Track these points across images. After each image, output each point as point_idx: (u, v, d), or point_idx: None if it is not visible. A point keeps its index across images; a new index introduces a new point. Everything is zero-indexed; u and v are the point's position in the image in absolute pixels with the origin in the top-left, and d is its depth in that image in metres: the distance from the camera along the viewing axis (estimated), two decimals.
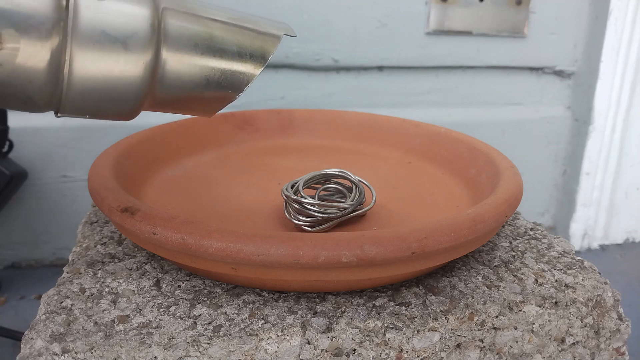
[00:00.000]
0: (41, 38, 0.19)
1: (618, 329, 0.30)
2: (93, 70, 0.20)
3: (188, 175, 0.40)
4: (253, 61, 0.24)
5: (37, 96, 0.20)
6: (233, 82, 0.24)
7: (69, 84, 0.20)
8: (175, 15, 0.22)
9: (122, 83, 0.21)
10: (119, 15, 0.20)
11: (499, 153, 0.37)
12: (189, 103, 0.25)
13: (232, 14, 0.24)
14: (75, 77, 0.20)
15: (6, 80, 0.19)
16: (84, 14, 0.20)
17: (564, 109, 0.71)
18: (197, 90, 0.24)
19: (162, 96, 0.23)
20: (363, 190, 0.34)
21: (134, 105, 0.23)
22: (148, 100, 0.23)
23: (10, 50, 0.18)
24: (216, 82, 0.24)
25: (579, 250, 0.74)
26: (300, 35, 0.59)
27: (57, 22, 0.19)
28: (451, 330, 0.27)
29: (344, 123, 0.48)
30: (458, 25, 0.63)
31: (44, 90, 0.20)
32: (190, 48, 0.23)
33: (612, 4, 0.65)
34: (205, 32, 0.23)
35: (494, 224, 0.28)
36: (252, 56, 0.24)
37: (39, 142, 0.56)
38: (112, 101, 0.22)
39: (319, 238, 0.24)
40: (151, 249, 0.28)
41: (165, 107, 0.25)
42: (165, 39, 0.22)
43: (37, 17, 0.18)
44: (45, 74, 0.20)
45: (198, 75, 0.23)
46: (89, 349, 0.24)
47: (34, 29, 0.19)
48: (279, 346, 0.25)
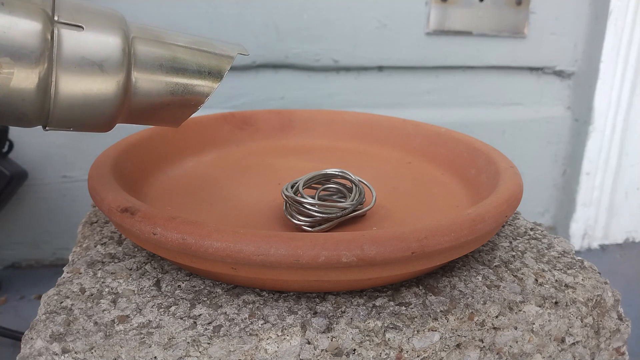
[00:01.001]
0: (31, 64, 0.23)
1: (618, 329, 0.30)
2: (75, 90, 0.24)
3: (188, 175, 0.40)
4: (211, 77, 0.28)
5: (29, 112, 0.24)
6: (194, 95, 0.28)
7: (56, 101, 0.24)
8: (143, 42, 0.27)
9: (99, 99, 0.25)
10: (95, 43, 0.24)
11: (499, 153, 0.37)
12: (158, 115, 0.28)
13: (193, 39, 0.29)
14: (60, 95, 0.24)
15: (3, 99, 0.23)
16: (66, 43, 0.24)
17: (564, 109, 0.71)
18: (165, 103, 0.28)
19: (134, 109, 0.27)
20: (363, 190, 0.34)
21: (110, 118, 0.26)
22: (123, 113, 0.27)
23: (7, 75, 0.22)
24: (180, 94, 0.28)
25: (579, 250, 0.74)
26: (300, 35, 0.59)
27: (44, 51, 0.23)
28: (451, 330, 0.27)
29: (344, 123, 0.48)
30: (458, 25, 0.63)
31: (35, 108, 0.24)
32: (156, 68, 0.27)
33: (612, 4, 0.65)
34: (168, 54, 0.27)
35: (494, 224, 0.28)
36: (210, 73, 0.28)
37: (39, 142, 0.56)
38: (91, 115, 0.26)
39: (319, 238, 0.24)
40: (151, 249, 0.28)
41: (138, 119, 0.28)
42: (135, 62, 0.26)
43: (28, 47, 0.22)
44: (35, 94, 0.23)
45: (164, 89, 0.27)
46: (89, 349, 0.24)
47: (26, 57, 0.22)
48: (279, 346, 0.25)
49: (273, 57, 0.59)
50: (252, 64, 0.59)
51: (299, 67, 0.60)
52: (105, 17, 0.25)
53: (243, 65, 0.58)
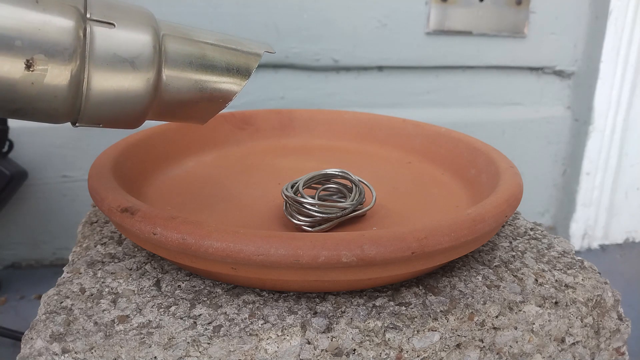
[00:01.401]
0: (64, 61, 0.23)
1: (618, 329, 0.30)
2: (107, 86, 0.24)
3: (188, 175, 0.40)
4: (239, 75, 0.29)
5: (60, 109, 0.24)
6: (223, 92, 0.28)
7: (87, 98, 0.24)
8: (173, 40, 0.27)
9: (130, 96, 0.25)
10: (127, 40, 0.24)
11: (499, 153, 0.37)
12: (186, 111, 0.28)
13: (221, 37, 0.29)
14: (92, 92, 0.24)
15: (36, 96, 0.23)
16: (98, 41, 0.24)
17: (564, 109, 0.71)
18: (193, 100, 0.28)
19: (164, 106, 0.27)
20: (363, 190, 0.34)
21: (140, 114, 0.26)
22: (152, 110, 0.27)
23: (40, 71, 0.22)
24: (209, 92, 0.28)
25: (579, 250, 0.74)
26: (300, 35, 0.59)
27: (76, 48, 0.23)
28: (451, 330, 0.27)
29: (344, 123, 0.48)
30: (458, 25, 0.63)
31: (67, 104, 0.24)
32: (186, 65, 0.27)
33: (612, 4, 0.65)
34: (198, 52, 0.27)
35: (494, 224, 0.28)
36: (238, 70, 0.28)
37: (39, 142, 0.56)
38: (122, 111, 0.26)
39: (319, 238, 0.24)
40: (151, 249, 0.28)
41: (166, 116, 0.28)
42: (166, 59, 0.26)
43: (61, 44, 0.22)
44: (67, 90, 0.23)
45: (193, 87, 0.27)
46: (89, 349, 0.24)
47: (59, 53, 0.23)
48: (279, 346, 0.25)
49: (273, 57, 0.59)
50: None
51: (299, 67, 0.60)
52: (135, 14, 0.25)
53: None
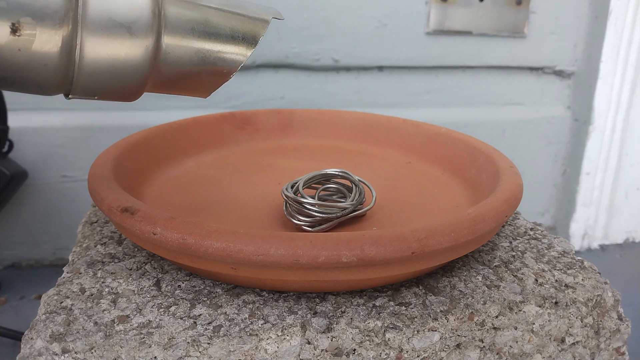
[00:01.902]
0: (54, 25, 0.21)
1: (618, 329, 0.30)
2: (101, 54, 0.23)
3: (188, 175, 0.40)
4: (245, 43, 0.26)
5: (51, 79, 0.22)
6: (227, 62, 0.26)
7: (80, 66, 0.23)
8: (174, 3, 0.25)
9: (127, 65, 0.24)
10: (123, 3, 0.23)
11: (499, 153, 0.37)
12: (188, 82, 0.27)
13: (226, 1, 0.27)
14: (85, 60, 0.23)
15: (24, 64, 0.21)
16: (92, 3, 0.22)
17: (564, 109, 0.71)
18: (195, 71, 0.26)
19: (163, 76, 0.26)
20: (363, 190, 0.34)
21: (138, 85, 0.25)
22: (151, 81, 0.25)
23: (28, 37, 0.21)
24: (212, 62, 0.26)
25: (579, 250, 0.74)
26: (300, 35, 0.59)
27: (68, 11, 0.21)
28: (451, 330, 0.27)
29: (344, 123, 0.48)
30: (458, 25, 0.63)
31: (58, 73, 0.22)
32: (187, 32, 0.25)
33: (612, 4, 0.65)
34: (200, 17, 0.25)
35: (494, 224, 0.28)
36: (244, 38, 0.26)
37: (39, 142, 0.56)
38: (118, 82, 0.24)
39: (319, 238, 0.24)
40: (151, 249, 0.28)
41: (167, 87, 0.27)
42: (165, 25, 0.24)
43: (50, 6, 0.21)
44: (58, 58, 0.22)
45: (195, 56, 0.25)
46: (89, 349, 0.24)
47: (48, 17, 0.21)
48: (279, 346, 0.25)
49: (273, 57, 0.59)
50: (252, 64, 0.59)
51: (299, 67, 0.60)
52: None
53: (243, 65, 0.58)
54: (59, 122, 0.56)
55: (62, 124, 0.56)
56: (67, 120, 0.56)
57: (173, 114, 0.58)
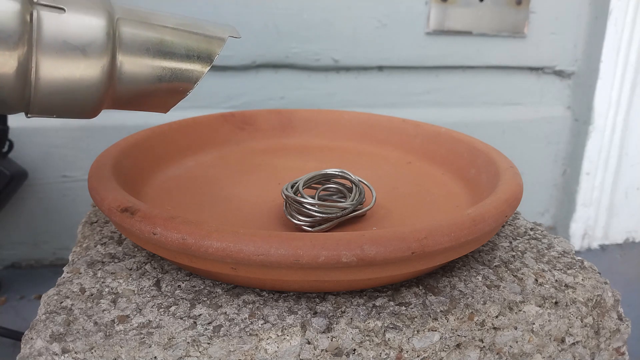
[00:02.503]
0: (9, 48, 0.21)
1: (618, 329, 0.30)
2: (57, 75, 0.23)
3: (188, 175, 0.40)
4: (200, 61, 0.27)
5: (8, 99, 0.23)
6: (183, 80, 0.27)
7: (36, 87, 0.23)
8: (128, 24, 0.25)
9: (83, 85, 0.24)
10: (78, 26, 0.23)
11: (499, 153, 0.37)
12: (146, 100, 0.27)
13: (182, 20, 0.27)
14: (41, 81, 0.23)
15: None
16: (46, 26, 0.22)
17: (564, 109, 0.71)
18: (152, 88, 0.27)
19: (120, 95, 0.26)
20: (363, 190, 0.34)
21: (95, 104, 0.25)
22: (108, 99, 0.26)
23: None
24: (168, 80, 0.27)
25: (579, 250, 0.74)
26: (300, 35, 0.59)
27: (22, 34, 0.22)
28: (451, 330, 0.27)
29: (344, 123, 0.48)
30: (458, 25, 0.63)
31: (14, 94, 0.23)
32: (142, 52, 0.26)
33: (612, 4, 0.65)
34: (155, 37, 0.26)
35: (494, 224, 0.28)
36: (199, 57, 0.27)
37: (39, 142, 0.56)
38: (75, 101, 0.25)
39: (319, 238, 0.24)
40: (151, 249, 0.28)
41: (125, 104, 0.27)
42: (120, 45, 0.25)
43: (4, 30, 0.21)
44: (14, 79, 0.22)
45: (151, 74, 0.26)
46: (89, 349, 0.24)
47: (2, 41, 0.21)
48: (279, 346, 0.25)
49: (273, 57, 0.59)
50: (252, 64, 0.59)
51: (299, 67, 0.60)
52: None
53: (243, 65, 0.58)
54: (59, 122, 0.56)
55: (62, 124, 0.56)
56: (67, 120, 0.56)
57: (173, 114, 0.58)
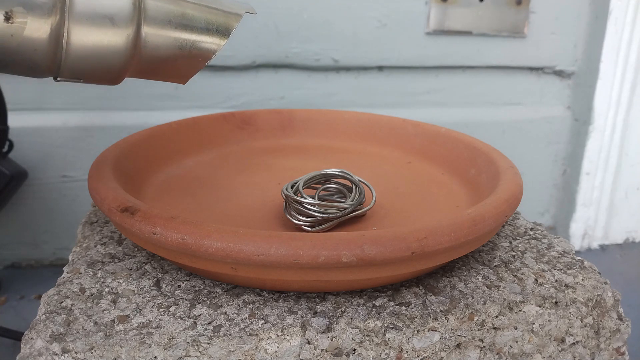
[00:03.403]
0: (44, 15, 0.23)
1: (618, 329, 0.30)
2: (86, 41, 0.25)
3: (188, 175, 0.40)
4: (218, 34, 0.29)
5: (40, 62, 0.25)
6: (202, 50, 0.29)
7: (67, 52, 0.25)
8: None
9: (110, 52, 0.26)
10: None
11: (499, 153, 0.37)
12: (166, 68, 0.29)
13: None
14: (72, 46, 0.25)
15: (16, 48, 0.24)
16: None
17: (564, 109, 0.71)
18: (172, 58, 0.28)
19: (143, 62, 0.28)
20: (363, 190, 0.34)
21: (120, 70, 0.27)
22: (131, 67, 0.28)
23: (20, 24, 0.23)
24: (188, 51, 0.29)
25: (579, 250, 0.74)
26: (300, 35, 0.59)
27: (56, 2, 0.24)
28: (451, 330, 0.27)
29: (344, 123, 0.48)
30: (458, 25, 0.63)
31: (46, 58, 0.25)
32: (165, 23, 0.28)
33: (612, 4, 0.65)
34: (177, 10, 0.28)
35: (494, 224, 0.28)
36: (218, 30, 0.29)
37: (39, 142, 0.56)
38: (102, 67, 0.27)
39: (319, 238, 0.24)
40: (151, 249, 0.28)
41: (146, 72, 0.29)
42: (145, 16, 0.27)
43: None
44: (47, 44, 0.24)
45: (172, 45, 0.28)
46: (89, 349, 0.24)
47: (38, 7, 0.23)
48: (279, 346, 0.25)
49: (273, 57, 0.59)
50: (252, 64, 0.59)
51: (299, 67, 0.60)
52: None
53: (243, 65, 0.58)
54: (59, 122, 0.56)
55: (62, 124, 0.56)
56: (67, 120, 0.56)
57: (173, 114, 0.58)
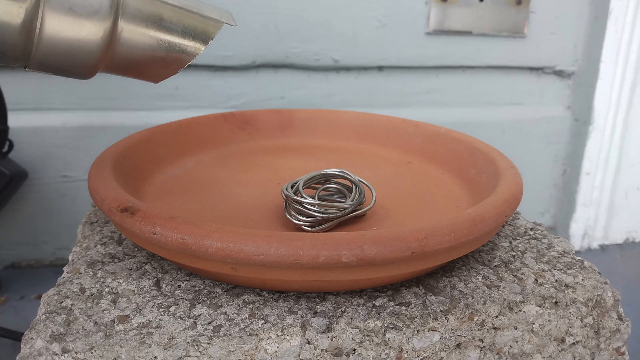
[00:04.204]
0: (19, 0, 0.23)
1: (618, 329, 0.30)
2: (60, 33, 0.25)
3: (188, 175, 0.40)
4: (196, 41, 0.28)
5: (9, 50, 0.24)
6: (178, 55, 0.28)
7: (38, 44, 0.24)
8: None
9: (84, 46, 0.25)
10: None
11: (499, 153, 0.37)
12: (139, 68, 0.29)
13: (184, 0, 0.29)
14: (44, 38, 0.24)
15: None
16: None
17: (564, 109, 0.71)
18: (147, 58, 0.28)
19: (117, 60, 0.28)
20: (363, 190, 0.34)
21: (92, 65, 0.27)
22: (105, 62, 0.27)
23: None
24: (162, 54, 0.28)
25: (579, 250, 0.74)
26: (300, 35, 0.59)
27: None
28: (451, 330, 0.27)
29: (344, 123, 0.48)
30: (458, 25, 0.63)
31: (17, 46, 0.24)
32: (142, 23, 0.27)
33: (612, 4, 0.65)
34: (156, 12, 0.27)
35: (494, 224, 0.28)
36: (195, 37, 0.28)
37: (39, 142, 0.56)
38: (73, 61, 0.26)
39: (319, 238, 0.24)
40: (151, 249, 0.28)
41: (119, 69, 0.28)
42: (123, 13, 0.26)
43: None
44: (19, 31, 0.23)
45: (148, 45, 0.28)
46: (89, 349, 0.24)
47: None
48: (279, 346, 0.25)
49: (273, 57, 0.59)
50: (252, 64, 0.59)
51: (299, 67, 0.60)
52: None
53: (243, 65, 0.58)
54: (59, 122, 0.56)
55: (62, 124, 0.56)
56: (67, 120, 0.56)
57: (173, 114, 0.58)
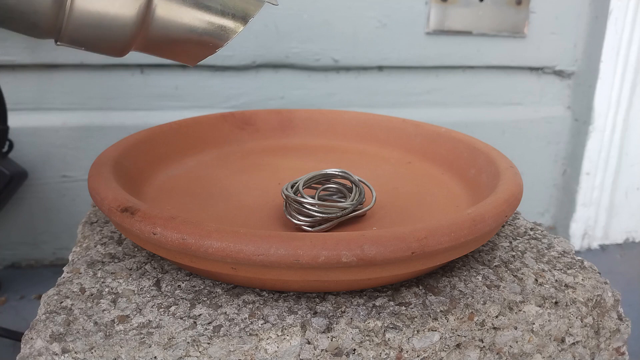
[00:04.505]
0: None
1: (618, 329, 0.30)
2: (92, 8, 0.24)
3: (188, 175, 0.40)
4: (235, 20, 0.27)
5: (41, 23, 0.23)
6: (214, 36, 0.27)
7: (69, 17, 0.23)
8: None
9: (116, 22, 0.24)
10: None
11: (499, 153, 0.37)
12: (174, 48, 0.27)
13: None
14: (75, 12, 0.23)
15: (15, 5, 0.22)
16: None
17: (564, 109, 0.71)
18: (182, 38, 0.27)
19: (150, 38, 0.26)
20: (363, 190, 0.34)
21: (125, 42, 0.25)
22: (138, 40, 0.26)
23: None
24: (199, 33, 0.27)
25: (579, 250, 0.74)
26: (300, 35, 0.59)
27: None
28: (451, 330, 0.27)
29: (344, 123, 0.48)
30: (458, 25, 0.63)
31: (47, 20, 0.23)
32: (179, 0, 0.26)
33: (612, 4, 0.65)
34: None
35: (494, 224, 0.28)
36: (234, 16, 0.27)
37: (39, 142, 0.56)
38: (105, 37, 0.25)
39: (319, 238, 0.24)
40: (151, 249, 0.28)
41: (153, 49, 0.27)
42: None
43: None
44: (49, 5, 0.23)
45: (183, 23, 0.26)
46: (89, 349, 0.24)
47: None
48: (279, 346, 0.25)
49: (273, 57, 0.59)
50: (252, 64, 0.59)
51: (299, 67, 0.60)
52: None
53: (243, 65, 0.58)
54: (59, 122, 0.56)
55: (62, 124, 0.56)
56: (67, 120, 0.56)
57: (173, 114, 0.58)
